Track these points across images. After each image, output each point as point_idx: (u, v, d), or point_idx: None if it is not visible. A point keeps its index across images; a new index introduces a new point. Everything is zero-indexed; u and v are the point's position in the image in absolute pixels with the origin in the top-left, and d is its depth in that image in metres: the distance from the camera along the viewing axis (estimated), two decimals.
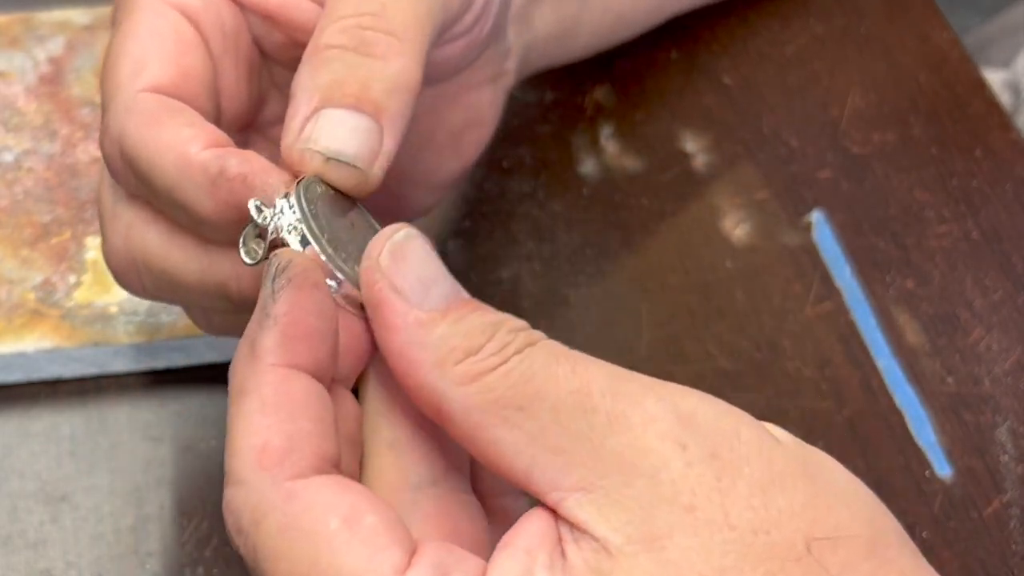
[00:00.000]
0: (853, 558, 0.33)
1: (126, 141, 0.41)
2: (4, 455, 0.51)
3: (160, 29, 0.43)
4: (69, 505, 0.50)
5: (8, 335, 0.52)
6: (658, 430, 0.34)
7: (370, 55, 0.40)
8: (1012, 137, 0.61)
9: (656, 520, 0.33)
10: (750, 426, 0.35)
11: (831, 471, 0.35)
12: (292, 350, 0.36)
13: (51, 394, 0.52)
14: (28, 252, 0.54)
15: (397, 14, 0.41)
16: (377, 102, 0.40)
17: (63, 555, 0.49)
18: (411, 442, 0.38)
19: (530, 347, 0.35)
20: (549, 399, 0.34)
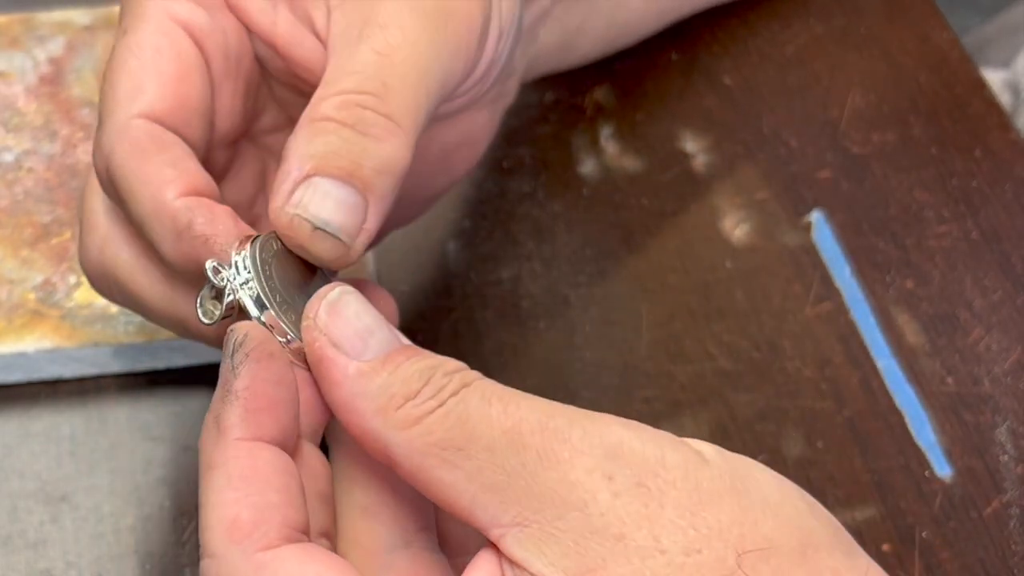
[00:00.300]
0: (783, 566, 0.34)
1: (112, 162, 0.42)
2: (4, 455, 0.51)
3: (163, 48, 0.44)
4: (69, 505, 0.50)
5: (8, 335, 0.52)
6: (585, 464, 0.35)
7: (366, 135, 0.41)
8: (1012, 137, 0.61)
9: (589, 552, 0.34)
10: (675, 450, 0.36)
11: (759, 482, 0.36)
12: (255, 423, 0.37)
13: (51, 394, 0.52)
14: (28, 252, 0.54)
15: (396, 98, 0.42)
16: (367, 180, 0.41)
17: (63, 555, 0.49)
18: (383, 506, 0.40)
19: (465, 388, 0.37)
20: (484, 439, 0.36)
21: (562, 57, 0.57)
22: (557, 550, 0.35)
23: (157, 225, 0.41)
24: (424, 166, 0.50)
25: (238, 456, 0.37)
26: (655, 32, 0.62)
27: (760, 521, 0.35)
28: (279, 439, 0.38)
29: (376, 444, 0.37)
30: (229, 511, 0.37)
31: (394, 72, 0.42)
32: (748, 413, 0.53)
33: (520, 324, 0.55)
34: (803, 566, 0.34)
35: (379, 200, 0.41)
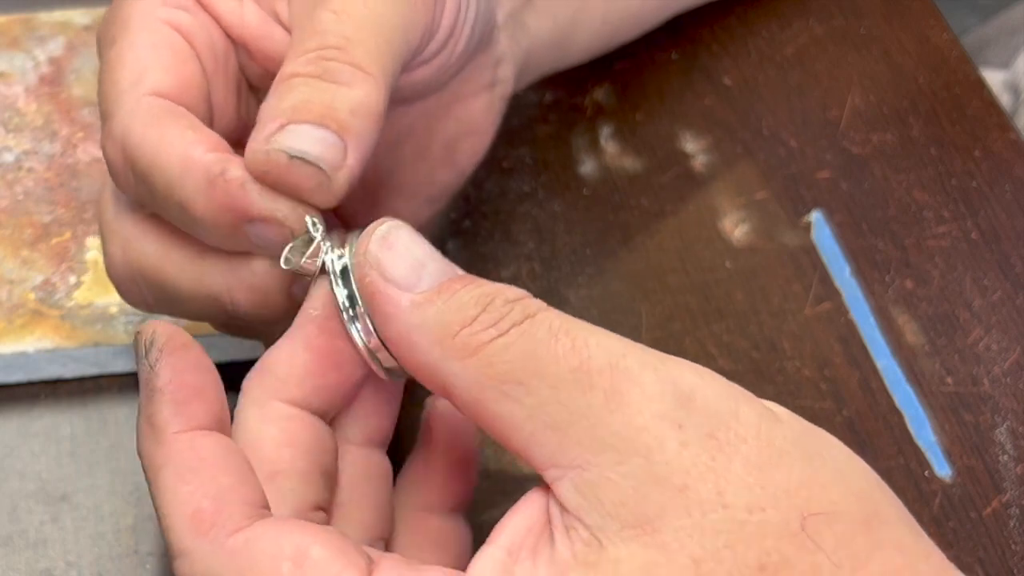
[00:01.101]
0: (848, 533, 0.33)
1: (130, 141, 0.42)
2: (5, 455, 0.51)
3: (157, 42, 0.44)
4: (69, 505, 0.50)
5: (9, 335, 0.52)
6: (655, 410, 0.34)
7: (335, 82, 0.41)
8: (1011, 137, 0.61)
9: (648, 501, 0.33)
10: (750, 404, 0.35)
11: (830, 449, 0.35)
12: (187, 414, 0.37)
13: (51, 394, 0.52)
14: (28, 252, 0.54)
15: (359, 47, 0.42)
16: (341, 121, 0.40)
17: (63, 555, 0.49)
18: None
19: (529, 320, 0.35)
20: (548, 376, 0.35)
21: (559, 53, 0.57)
22: (615, 497, 0.34)
23: (189, 182, 0.40)
24: (428, 162, 0.50)
25: (180, 450, 0.37)
26: (654, 27, 0.62)
27: (828, 486, 0.34)
28: (214, 423, 0.38)
29: (435, 377, 0.36)
30: (187, 505, 0.36)
31: (352, 25, 0.42)
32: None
33: None
34: (867, 535, 0.34)
35: (358, 139, 0.41)
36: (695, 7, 0.64)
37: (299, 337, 0.39)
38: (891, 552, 0.34)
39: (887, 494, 0.35)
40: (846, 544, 0.33)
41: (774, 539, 0.33)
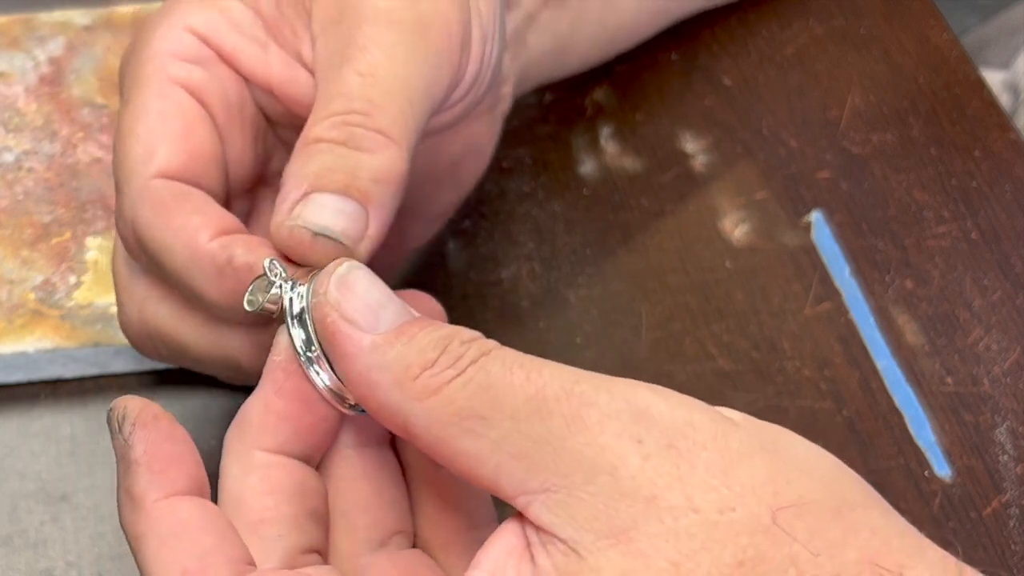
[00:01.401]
0: (819, 523, 0.34)
1: (139, 225, 0.43)
2: (5, 455, 0.51)
3: (166, 109, 0.44)
4: (69, 505, 0.50)
5: (9, 335, 0.52)
6: (613, 428, 0.35)
7: (359, 149, 0.42)
8: (1011, 137, 0.61)
9: (620, 514, 0.34)
10: (703, 412, 0.35)
11: (790, 444, 0.36)
12: (164, 482, 0.38)
13: (52, 394, 0.52)
14: (28, 252, 0.54)
15: (384, 113, 0.42)
16: (364, 190, 0.41)
17: (63, 555, 0.49)
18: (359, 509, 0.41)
19: (484, 356, 0.36)
20: (507, 407, 0.35)
21: (557, 63, 0.58)
22: (587, 513, 0.34)
23: (196, 271, 0.42)
24: (434, 179, 0.51)
25: (160, 517, 0.38)
26: (652, 35, 0.62)
27: (793, 480, 0.35)
28: (192, 487, 0.38)
29: (395, 417, 0.37)
30: (173, 568, 0.37)
31: (378, 89, 0.43)
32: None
33: (520, 324, 0.55)
34: (839, 522, 0.34)
35: (379, 208, 0.42)
36: (693, 14, 0.64)
37: (268, 384, 0.40)
38: (865, 535, 0.34)
39: (853, 479, 0.36)
40: (819, 532, 0.34)
41: (748, 535, 0.34)
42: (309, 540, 0.40)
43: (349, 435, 0.42)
